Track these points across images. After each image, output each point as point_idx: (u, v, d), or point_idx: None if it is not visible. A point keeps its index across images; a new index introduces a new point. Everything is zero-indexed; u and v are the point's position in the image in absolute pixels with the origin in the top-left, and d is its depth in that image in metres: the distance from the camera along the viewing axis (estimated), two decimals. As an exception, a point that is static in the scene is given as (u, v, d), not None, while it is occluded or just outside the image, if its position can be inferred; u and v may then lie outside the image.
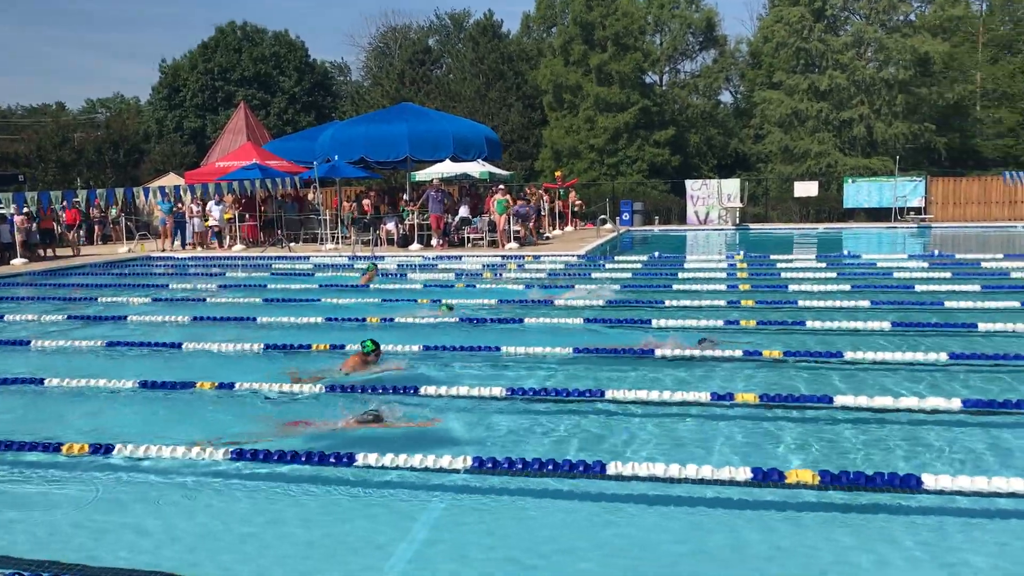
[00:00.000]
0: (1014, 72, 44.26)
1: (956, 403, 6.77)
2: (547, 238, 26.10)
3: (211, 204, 24.28)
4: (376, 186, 29.89)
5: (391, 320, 11.39)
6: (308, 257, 21.27)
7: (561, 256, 20.31)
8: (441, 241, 22.88)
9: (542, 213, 27.43)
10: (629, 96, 41.65)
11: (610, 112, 41.64)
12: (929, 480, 5.07)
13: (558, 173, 33.20)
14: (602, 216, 29.97)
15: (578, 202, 31.97)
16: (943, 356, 8.60)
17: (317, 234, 25.01)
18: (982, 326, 10.28)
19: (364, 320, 11.44)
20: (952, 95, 39.67)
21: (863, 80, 39.13)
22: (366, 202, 25.45)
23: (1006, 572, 4.33)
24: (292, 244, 24.16)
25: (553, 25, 49.36)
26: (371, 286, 15.48)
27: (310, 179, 24.55)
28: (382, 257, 20.49)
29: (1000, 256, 18.69)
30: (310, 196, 27.95)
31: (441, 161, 25.44)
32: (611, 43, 41.89)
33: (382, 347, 8.55)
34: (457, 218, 23.49)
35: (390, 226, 23.85)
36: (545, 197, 29.86)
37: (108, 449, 6.11)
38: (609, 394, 7.22)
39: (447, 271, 17.88)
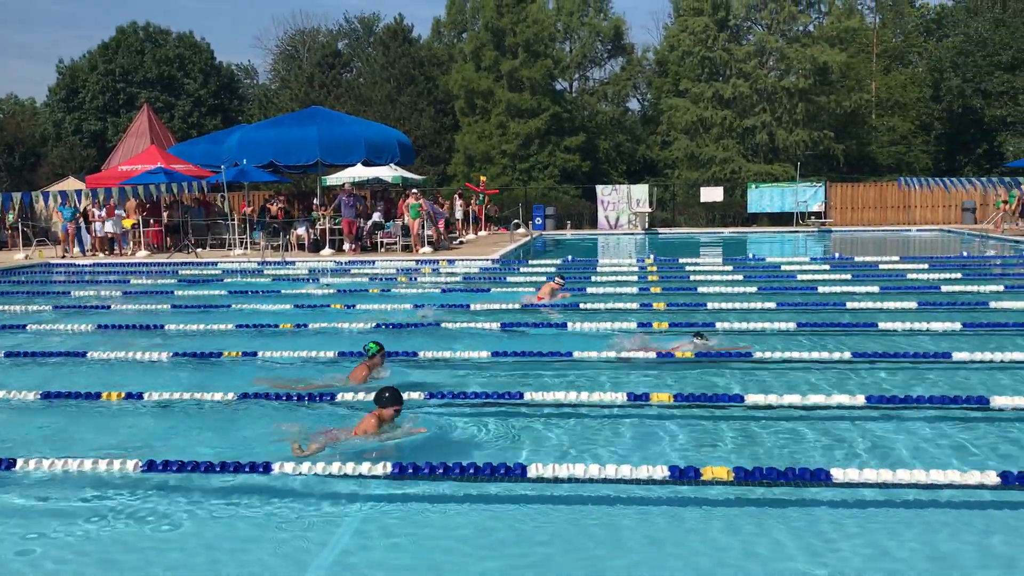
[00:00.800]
0: (905, 82, 46.32)
1: (860, 399, 7.04)
2: (461, 242, 26.10)
3: (101, 212, 23.46)
4: (286, 190, 29.39)
5: (305, 326, 11.23)
6: (216, 263, 20.78)
7: (476, 260, 20.33)
8: (353, 246, 22.64)
9: (454, 218, 27.40)
10: (540, 102, 42.05)
11: (522, 118, 41.96)
12: (838, 474, 5.25)
13: (482, 178, 33.33)
14: (515, 220, 30.12)
15: (492, 206, 32.10)
16: (847, 355, 8.94)
17: (225, 239, 24.47)
18: (882, 325, 10.72)
19: (277, 327, 11.25)
20: (849, 104, 41.25)
21: (765, 88, 40.38)
22: (276, 206, 25.01)
23: (912, 559, 4.52)
24: (199, 250, 23.56)
25: (464, 31, 49.46)
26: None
27: (218, 183, 23.99)
28: (292, 262, 20.18)
29: (896, 258, 19.51)
30: (218, 200, 27.33)
31: (353, 165, 25.17)
32: (522, 49, 42.23)
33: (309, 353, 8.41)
34: (370, 223, 23.29)
35: (301, 231, 23.50)
36: (460, 202, 29.88)
37: (10, 464, 5.86)
38: (528, 395, 7.27)
39: (360, 276, 17.70)
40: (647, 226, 33.89)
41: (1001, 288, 14.25)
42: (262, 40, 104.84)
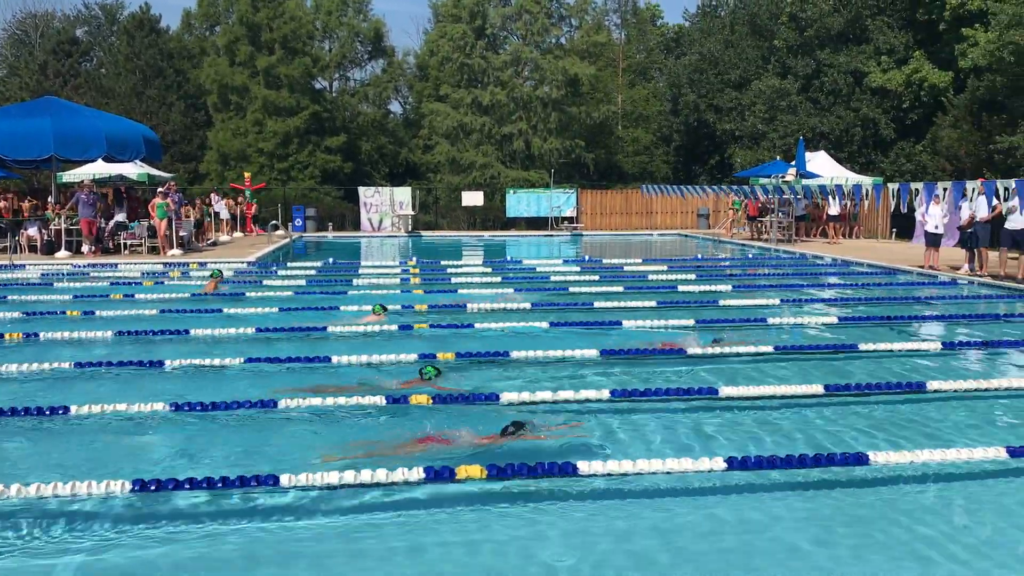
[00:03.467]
0: (648, 96, 49.66)
1: (605, 393, 7.47)
2: (214, 244, 24.98)
3: None
4: (15, 187, 26.81)
5: (36, 335, 10.30)
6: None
7: (230, 263, 19.53)
8: (93, 248, 21.04)
9: (206, 219, 26.20)
10: (299, 101, 41.14)
11: (280, 116, 40.85)
12: (584, 466, 5.54)
13: (247, 174, 32.15)
14: (273, 222, 29.24)
15: (250, 205, 31.11)
16: (595, 352, 9.43)
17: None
18: (625, 323, 11.42)
19: (2, 337, 10.23)
20: (598, 115, 43.58)
21: (521, 97, 41.81)
22: (2, 204, 22.74)
23: (653, 552, 4.85)
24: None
25: (217, 24, 47.40)
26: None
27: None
28: (23, 266, 18.42)
29: (639, 260, 20.88)
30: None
31: (93, 161, 23.39)
32: (279, 46, 41.12)
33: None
34: (112, 223, 21.74)
35: (32, 231, 21.52)
36: (225, 201, 28.86)
37: None
38: (282, 403, 7.09)
39: (100, 280, 16.45)
40: (410, 229, 34.06)
41: (729, 288, 15.62)
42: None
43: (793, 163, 27.63)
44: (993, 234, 16.92)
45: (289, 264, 19.98)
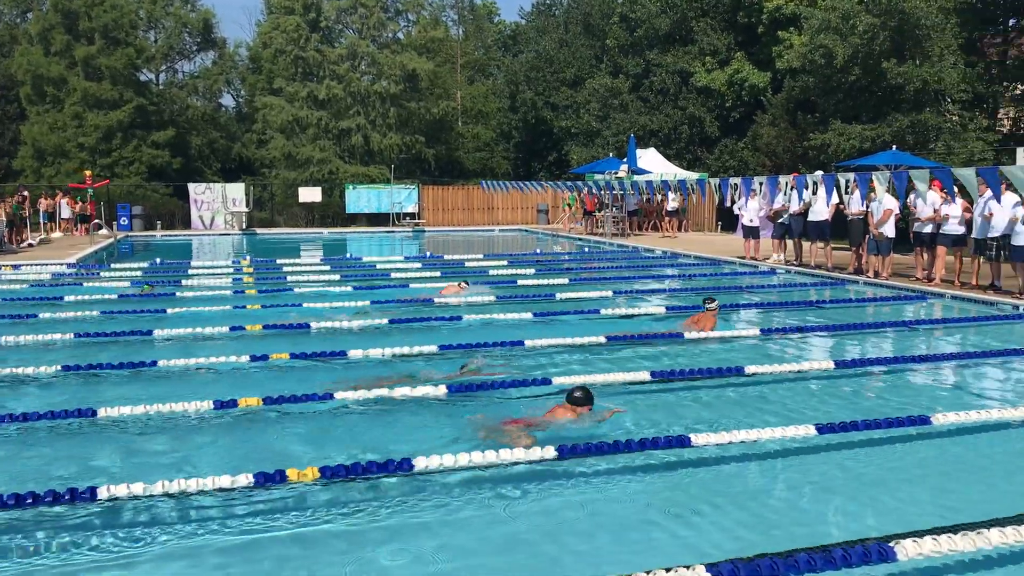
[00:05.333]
0: (487, 93, 50.14)
1: (443, 389, 7.50)
2: (31, 245, 23.41)
3: None
4: None
5: None
6: None
7: (48, 264, 18.35)
8: None
9: (19, 219, 24.55)
10: (122, 93, 39.06)
11: (101, 109, 38.66)
12: (420, 462, 5.54)
13: (87, 172, 30.45)
14: (96, 221, 27.69)
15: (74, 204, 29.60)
16: (434, 347, 9.45)
17: None
18: (466, 317, 11.51)
19: None
20: (437, 111, 43.61)
21: (359, 92, 41.29)
22: None
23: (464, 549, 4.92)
24: None
25: (29, 10, 44.33)
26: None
27: None
28: None
29: (480, 256, 21.08)
30: None
31: None
32: (99, 36, 38.87)
33: None
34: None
35: None
36: (66, 200, 27.76)
37: None
38: (101, 412, 6.73)
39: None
40: (245, 226, 33.06)
41: (567, 281, 16.01)
42: None
43: (625, 160, 28.58)
44: (806, 225, 18.08)
45: (112, 265, 18.97)
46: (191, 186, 34.14)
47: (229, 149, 46.19)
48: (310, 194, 35.80)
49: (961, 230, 15.03)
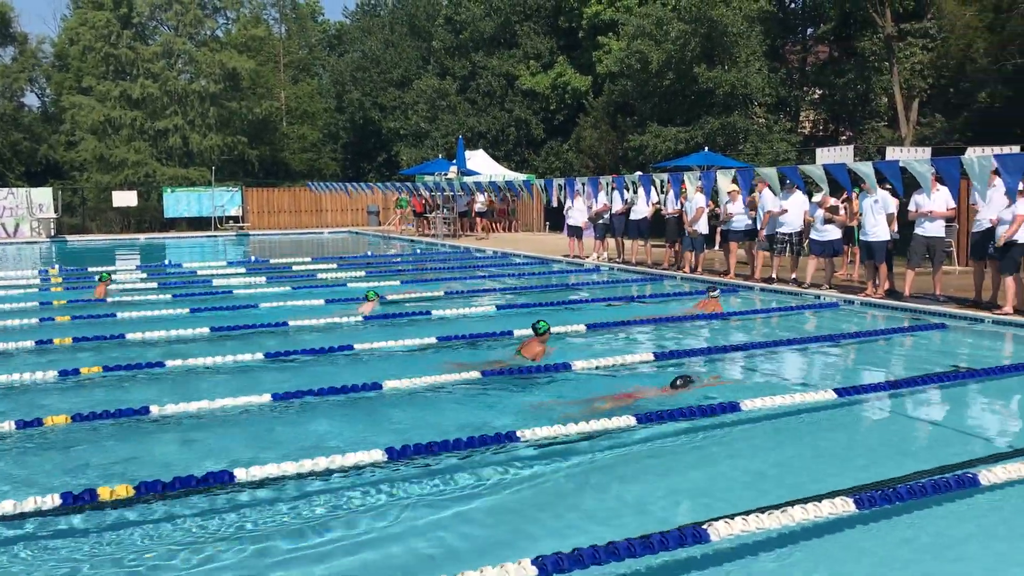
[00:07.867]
0: (312, 93, 49.18)
1: (267, 397, 7.32)
2: None
3: None
4: None
5: None
6: None
7: None
8: None
9: None
10: (-95, 91, 35.71)
11: None
12: (241, 473, 5.39)
13: None
14: None
15: None
16: (259, 356, 9.19)
17: None
18: (292, 322, 11.26)
19: None
20: (260, 111, 42.37)
21: (176, 91, 39.53)
22: None
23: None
24: None
25: None
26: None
27: None
28: None
29: (309, 259, 20.67)
30: None
31: None
32: None
33: None
34: None
35: None
36: None
37: None
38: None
39: None
40: (53, 233, 31.02)
41: (398, 283, 15.95)
42: None
43: (454, 161, 28.76)
44: (627, 224, 18.81)
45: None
46: (-10, 191, 31.66)
47: (35, 151, 43.16)
48: (125, 198, 33.93)
49: (746, 224, 15.92)
